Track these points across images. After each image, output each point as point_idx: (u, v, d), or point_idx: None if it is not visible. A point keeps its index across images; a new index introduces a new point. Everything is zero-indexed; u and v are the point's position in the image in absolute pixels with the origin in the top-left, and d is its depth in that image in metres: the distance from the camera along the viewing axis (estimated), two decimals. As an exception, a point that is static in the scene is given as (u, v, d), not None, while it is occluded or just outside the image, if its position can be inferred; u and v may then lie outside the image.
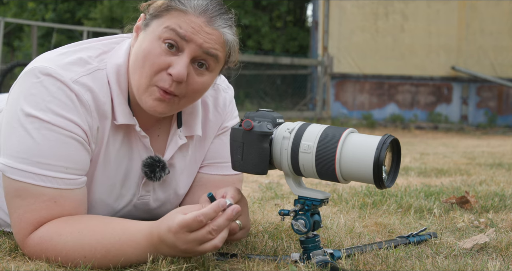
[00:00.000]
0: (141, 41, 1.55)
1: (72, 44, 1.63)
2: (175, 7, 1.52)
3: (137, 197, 1.70)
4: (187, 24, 1.50)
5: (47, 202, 1.46)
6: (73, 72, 1.50)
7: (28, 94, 1.47)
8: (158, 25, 1.53)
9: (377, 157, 1.36)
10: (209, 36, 1.52)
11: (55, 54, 1.55)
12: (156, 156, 1.67)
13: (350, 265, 1.52)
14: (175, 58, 1.51)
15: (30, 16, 18.96)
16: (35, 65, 1.50)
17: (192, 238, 1.33)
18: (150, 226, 1.42)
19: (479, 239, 1.76)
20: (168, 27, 1.51)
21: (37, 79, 1.48)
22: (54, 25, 15.04)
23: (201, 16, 1.51)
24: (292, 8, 18.81)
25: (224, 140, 1.81)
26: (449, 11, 11.52)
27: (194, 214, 1.32)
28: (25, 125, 1.45)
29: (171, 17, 1.52)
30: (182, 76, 1.50)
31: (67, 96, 1.47)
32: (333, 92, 11.98)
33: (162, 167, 1.67)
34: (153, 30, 1.53)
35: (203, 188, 1.80)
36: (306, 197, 1.49)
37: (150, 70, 1.51)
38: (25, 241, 1.49)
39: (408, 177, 3.54)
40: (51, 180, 1.46)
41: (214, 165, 1.81)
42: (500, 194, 2.64)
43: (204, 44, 1.51)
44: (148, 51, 1.51)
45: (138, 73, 1.53)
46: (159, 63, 1.51)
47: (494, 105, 11.75)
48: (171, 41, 1.50)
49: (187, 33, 1.50)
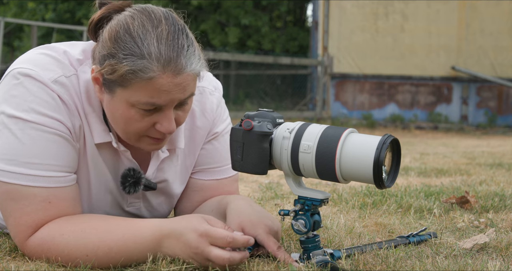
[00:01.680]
0: (111, 104, 1.47)
1: (46, 45, 1.59)
2: (137, 78, 1.40)
3: (126, 204, 1.69)
4: (158, 91, 1.41)
5: (42, 203, 1.46)
6: (52, 72, 1.49)
7: (9, 96, 1.47)
8: (126, 95, 1.43)
9: (377, 157, 1.36)
10: (182, 86, 1.44)
11: (34, 54, 1.53)
12: (134, 170, 1.61)
13: (350, 265, 1.52)
14: (157, 114, 1.47)
15: (30, 16, 18.96)
16: (14, 67, 1.50)
17: (208, 250, 1.37)
18: (159, 221, 1.44)
19: (479, 239, 1.76)
20: (139, 101, 1.43)
21: (17, 81, 1.47)
22: (54, 25, 15.04)
23: (167, 71, 1.40)
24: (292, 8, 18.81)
25: (216, 144, 1.77)
26: (449, 11, 11.51)
27: (226, 233, 1.38)
28: (9, 126, 1.45)
29: (138, 88, 1.41)
30: (172, 130, 1.48)
31: (48, 95, 1.46)
32: (333, 92, 11.98)
33: (133, 182, 1.61)
34: (121, 98, 1.44)
35: (199, 194, 1.79)
36: (306, 197, 1.49)
37: (136, 132, 1.49)
38: (25, 243, 1.48)
39: (408, 177, 3.54)
40: (41, 179, 1.45)
41: (208, 170, 1.78)
42: (500, 194, 2.64)
43: (181, 96, 1.45)
44: (127, 118, 1.46)
45: (122, 131, 1.51)
46: (143, 126, 1.48)
47: (494, 105, 11.75)
48: (148, 108, 1.45)
49: (162, 101, 1.43)
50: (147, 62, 1.39)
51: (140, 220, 1.48)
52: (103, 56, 1.44)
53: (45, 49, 1.56)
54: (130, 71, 1.40)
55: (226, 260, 1.37)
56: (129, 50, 1.40)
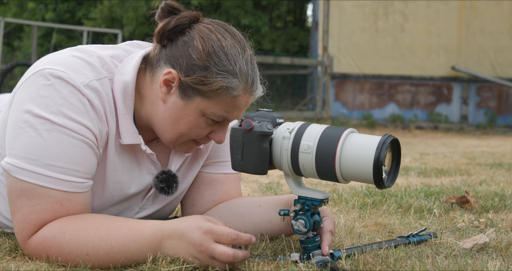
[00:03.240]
0: (180, 108, 1.55)
1: (77, 47, 1.60)
2: (226, 94, 1.52)
3: (139, 206, 1.71)
4: (234, 107, 1.54)
5: (54, 204, 1.46)
6: (84, 76, 1.49)
7: (38, 96, 1.46)
8: (205, 105, 1.53)
9: (377, 157, 1.36)
10: (247, 106, 1.59)
11: (65, 56, 1.53)
12: (169, 171, 1.68)
13: (350, 265, 1.52)
14: (218, 125, 1.59)
15: (30, 16, 18.97)
16: (44, 67, 1.48)
17: (213, 246, 1.38)
18: (160, 222, 1.46)
19: (479, 239, 1.76)
20: (216, 113, 1.54)
21: (48, 82, 1.46)
22: (54, 25, 15.05)
23: (247, 93, 1.55)
24: (292, 8, 18.82)
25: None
26: (449, 11, 11.52)
27: (230, 230, 1.40)
28: (35, 126, 1.44)
29: (220, 102, 1.53)
30: (223, 140, 1.61)
31: (79, 100, 1.46)
32: (333, 92, 11.98)
33: (177, 180, 1.69)
34: (197, 106, 1.53)
35: (209, 187, 1.82)
36: (306, 197, 1.49)
37: (193, 137, 1.59)
38: (27, 241, 1.48)
39: (408, 177, 3.54)
40: (60, 183, 1.45)
41: (216, 163, 1.82)
42: (500, 194, 2.64)
43: (243, 112, 1.58)
44: (195, 125, 1.56)
45: (174, 131, 1.58)
46: (202, 133, 1.58)
47: (494, 105, 11.75)
48: (218, 120, 1.56)
49: (233, 116, 1.56)
50: (237, 81, 1.52)
51: (142, 221, 1.49)
52: (191, 65, 1.51)
53: (77, 51, 1.56)
54: (223, 86, 1.50)
55: (230, 256, 1.38)
56: (224, 67, 1.51)
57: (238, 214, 1.77)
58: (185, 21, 1.54)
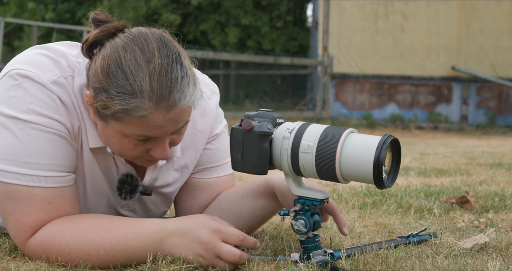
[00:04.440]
0: (105, 130, 1.47)
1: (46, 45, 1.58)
2: (129, 116, 1.39)
3: (120, 205, 1.68)
4: (151, 127, 1.41)
5: (42, 203, 1.46)
6: (51, 73, 1.48)
7: (8, 97, 1.46)
8: (120, 128, 1.43)
9: (377, 157, 1.35)
10: (175, 119, 1.43)
11: (31, 54, 1.52)
12: (132, 176, 1.62)
13: (350, 265, 1.52)
14: (151, 142, 1.47)
15: (30, 16, 18.95)
16: (12, 68, 1.48)
17: (220, 245, 1.39)
18: (162, 220, 1.46)
19: (479, 239, 1.76)
20: (134, 133, 1.43)
21: (16, 82, 1.46)
22: (54, 25, 15.05)
23: (160, 108, 1.38)
24: (292, 8, 18.81)
25: (216, 144, 1.79)
26: (449, 11, 11.51)
27: (238, 231, 1.42)
28: (8, 127, 1.44)
29: (131, 123, 1.41)
30: (167, 156, 1.49)
31: (48, 96, 1.46)
32: (333, 92, 11.98)
33: (130, 190, 1.62)
34: (115, 129, 1.44)
35: (205, 192, 1.80)
36: (306, 197, 1.49)
37: (129, 156, 1.51)
38: (26, 243, 1.48)
39: (408, 177, 3.54)
40: (41, 179, 1.45)
41: (209, 169, 1.79)
42: (500, 194, 2.64)
43: (175, 128, 1.45)
44: (120, 145, 1.47)
45: (117, 153, 1.52)
46: (137, 153, 1.49)
47: (494, 105, 11.75)
48: (142, 138, 1.45)
49: (155, 134, 1.43)
50: (138, 101, 1.37)
51: (143, 219, 1.48)
52: (95, 89, 1.42)
53: (42, 49, 1.54)
54: (121, 110, 1.38)
55: (237, 256, 1.38)
56: (121, 88, 1.38)
57: (228, 210, 1.76)
58: (100, 37, 1.46)
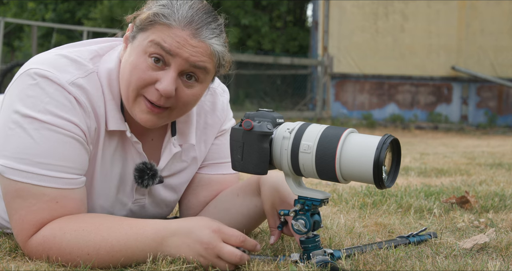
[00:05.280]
0: (128, 53, 1.54)
1: (67, 45, 1.63)
2: (159, 21, 1.49)
3: (131, 201, 1.70)
4: (172, 38, 1.48)
5: (49, 203, 1.46)
6: (69, 74, 1.50)
7: (25, 96, 1.47)
8: (143, 38, 1.51)
9: (377, 157, 1.36)
10: (195, 49, 1.49)
11: (51, 55, 1.54)
12: (150, 163, 1.66)
13: (350, 265, 1.52)
14: (162, 73, 1.50)
15: (30, 16, 18.96)
16: (30, 67, 1.50)
17: (221, 245, 1.40)
18: (162, 221, 1.46)
19: (479, 239, 1.76)
20: (152, 41, 1.49)
21: (34, 81, 1.47)
22: (54, 25, 15.05)
23: (186, 29, 1.48)
24: (292, 8, 18.81)
25: (223, 140, 1.82)
26: (449, 11, 11.51)
27: (239, 232, 1.43)
28: (23, 126, 1.45)
29: (156, 31, 1.49)
30: (169, 92, 1.49)
31: (65, 97, 1.47)
32: (333, 92, 11.98)
33: (152, 175, 1.66)
34: (139, 43, 1.52)
35: (206, 188, 1.81)
36: (306, 197, 1.49)
37: (137, 84, 1.51)
38: (27, 242, 1.48)
39: (408, 177, 3.54)
40: (53, 180, 1.45)
41: (214, 165, 1.82)
42: (500, 194, 2.64)
43: (190, 58, 1.49)
44: (134, 66, 1.50)
45: (126, 85, 1.53)
46: (145, 78, 1.50)
47: (494, 105, 11.75)
48: (157, 56, 1.49)
49: (172, 48, 1.48)
50: (172, 13, 1.49)
51: (144, 220, 1.49)
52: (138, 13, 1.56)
53: (62, 50, 1.57)
54: (152, 14, 1.50)
55: (238, 257, 1.39)
56: (162, 3, 1.52)
57: (224, 209, 1.77)
58: None
